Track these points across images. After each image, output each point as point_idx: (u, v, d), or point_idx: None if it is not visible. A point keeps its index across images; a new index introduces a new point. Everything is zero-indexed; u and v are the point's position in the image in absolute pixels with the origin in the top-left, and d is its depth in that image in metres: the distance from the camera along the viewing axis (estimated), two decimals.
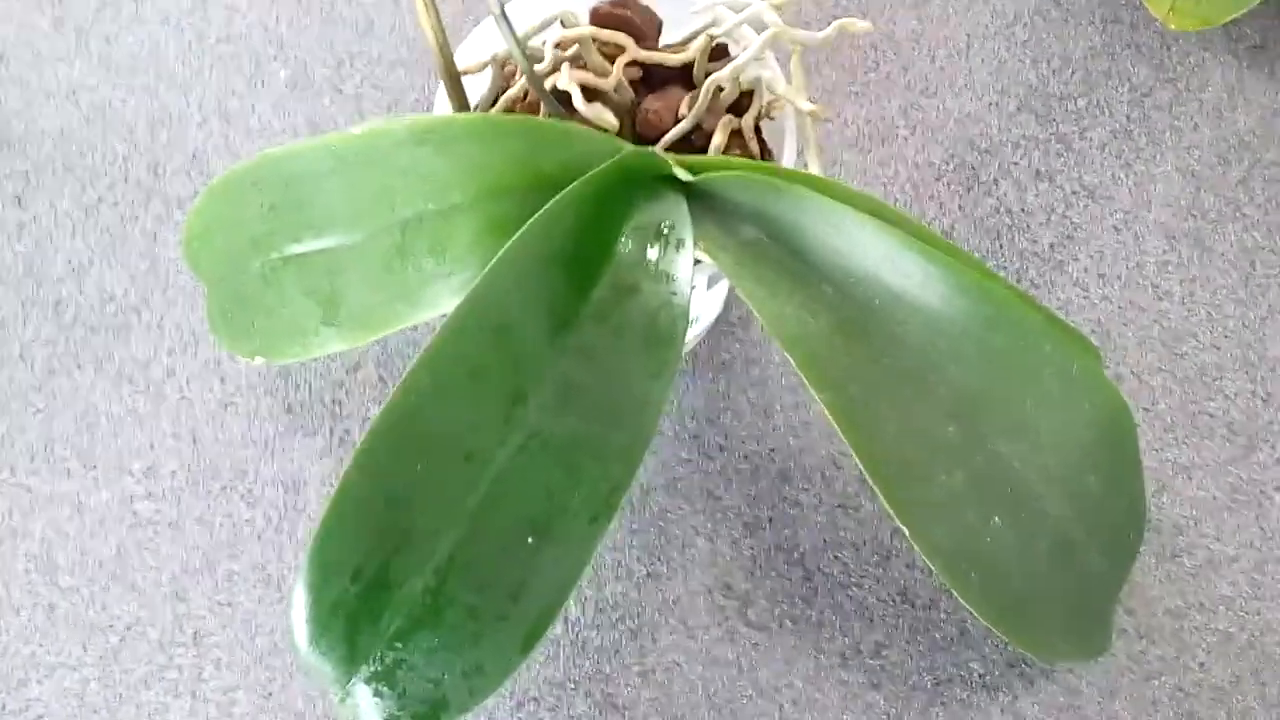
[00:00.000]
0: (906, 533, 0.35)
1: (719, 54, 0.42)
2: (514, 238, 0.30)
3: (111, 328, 0.49)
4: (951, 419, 0.36)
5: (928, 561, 0.36)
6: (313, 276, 0.37)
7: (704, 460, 0.47)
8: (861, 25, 0.39)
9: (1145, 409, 0.48)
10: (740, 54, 0.40)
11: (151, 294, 0.50)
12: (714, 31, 0.41)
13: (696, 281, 0.42)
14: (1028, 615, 0.38)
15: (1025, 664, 0.44)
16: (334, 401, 0.48)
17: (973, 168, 0.52)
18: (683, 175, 0.37)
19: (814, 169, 0.40)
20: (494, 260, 0.30)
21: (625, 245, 0.34)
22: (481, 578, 0.29)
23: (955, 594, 0.36)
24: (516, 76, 0.40)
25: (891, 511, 0.34)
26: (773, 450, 0.47)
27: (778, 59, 0.41)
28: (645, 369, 0.31)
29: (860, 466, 0.34)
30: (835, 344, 0.35)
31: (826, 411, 0.34)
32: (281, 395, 0.48)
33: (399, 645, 0.29)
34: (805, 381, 0.33)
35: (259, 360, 0.40)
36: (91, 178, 0.52)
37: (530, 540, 0.30)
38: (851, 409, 0.34)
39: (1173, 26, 0.39)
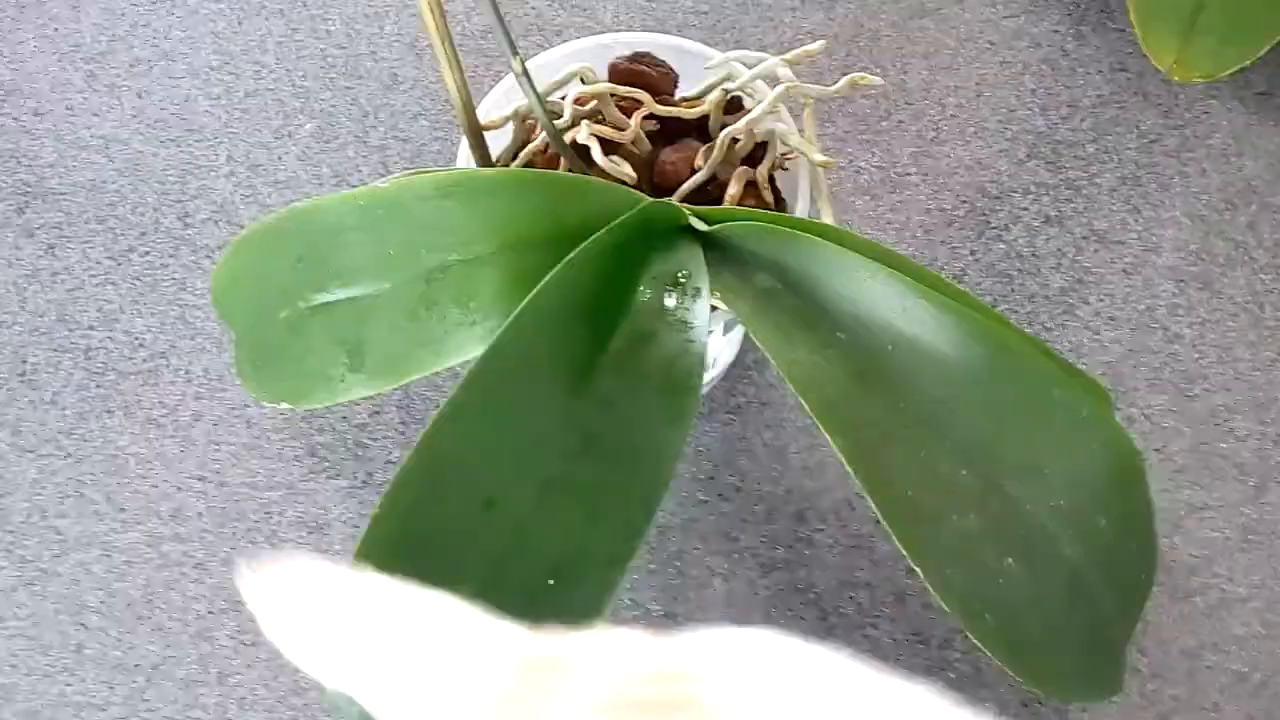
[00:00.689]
0: (920, 574, 0.35)
1: (733, 107, 0.43)
2: (536, 289, 0.31)
3: (140, 373, 0.50)
4: (964, 463, 0.36)
5: (941, 602, 0.36)
6: (339, 325, 0.38)
7: (720, 501, 0.48)
8: (872, 79, 0.40)
9: (1157, 450, 0.48)
10: (754, 107, 0.41)
11: (180, 340, 0.51)
12: (728, 86, 0.42)
13: (713, 327, 0.43)
14: (1041, 655, 0.38)
15: (1039, 703, 0.44)
16: (357, 445, 0.49)
17: (984, 213, 0.53)
18: (699, 225, 0.38)
19: (827, 218, 0.41)
20: (517, 310, 0.31)
21: (643, 294, 0.35)
22: (504, 619, 0.30)
23: (969, 634, 0.37)
24: (537, 131, 0.41)
25: (905, 553, 0.35)
26: (788, 491, 0.48)
27: (791, 111, 0.43)
28: (662, 416, 0.32)
29: (874, 509, 0.35)
30: (849, 390, 0.36)
31: (840, 456, 0.34)
32: (306, 439, 0.49)
33: None
34: (820, 426, 0.34)
35: (284, 406, 0.41)
36: (123, 227, 0.53)
37: (551, 582, 0.30)
38: (865, 453, 0.35)
39: (1177, 79, 0.40)
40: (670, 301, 0.34)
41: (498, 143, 0.43)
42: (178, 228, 0.53)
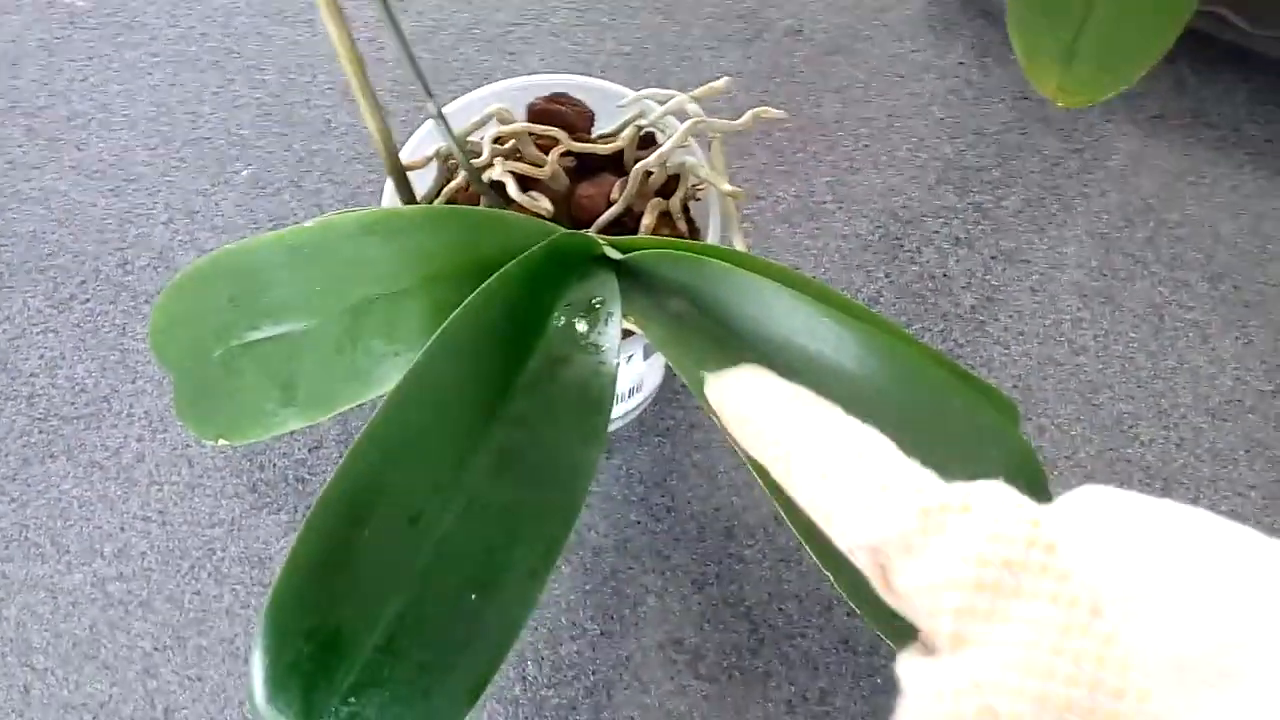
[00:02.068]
0: (833, 582, 0.37)
1: (647, 142, 0.45)
2: (450, 318, 0.33)
3: (83, 417, 0.51)
4: None
5: (856, 609, 0.38)
6: (271, 361, 0.39)
7: (652, 522, 0.49)
8: (774, 113, 0.42)
9: (1067, 457, 0.51)
10: (665, 142, 0.43)
11: (121, 384, 0.52)
12: (641, 122, 0.44)
13: (634, 352, 0.45)
14: None
15: None
16: (297, 479, 0.50)
17: (897, 237, 0.55)
18: (613, 254, 0.39)
19: (738, 245, 0.43)
20: (433, 338, 0.33)
21: (558, 320, 0.36)
22: (429, 634, 0.32)
23: (887, 640, 0.38)
24: (459, 169, 0.43)
25: (819, 563, 0.37)
26: (717, 509, 0.50)
27: (702, 145, 0.45)
28: (577, 434, 0.34)
29: (786, 520, 0.37)
30: None
31: (753, 470, 0.36)
32: (247, 475, 0.50)
33: (353, 700, 0.31)
34: (729, 441, 0.36)
35: (222, 442, 0.42)
36: (63, 276, 0.54)
37: (474, 597, 0.32)
38: None
39: (1060, 104, 0.43)
40: (583, 326, 0.36)
41: (424, 182, 0.45)
42: (117, 275, 0.54)
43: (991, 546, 0.22)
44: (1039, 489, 0.42)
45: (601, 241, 0.40)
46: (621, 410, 0.50)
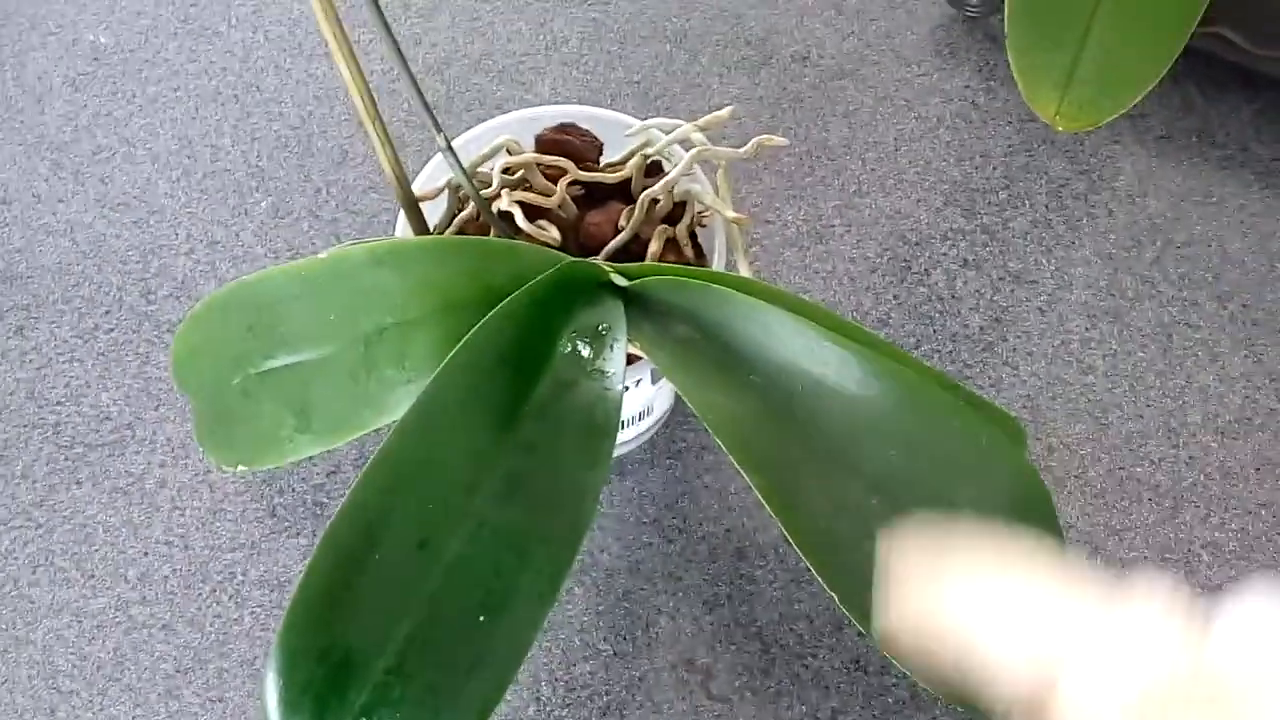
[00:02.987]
0: (837, 600, 0.37)
1: (653, 171, 0.46)
2: (459, 344, 0.34)
3: (107, 445, 0.52)
4: (874, 491, 0.39)
5: (861, 628, 0.38)
6: (287, 389, 0.40)
7: (664, 543, 0.50)
8: (778, 141, 0.43)
9: (1076, 476, 0.51)
10: (671, 170, 0.44)
11: (144, 412, 0.53)
12: (648, 151, 0.45)
13: (642, 376, 0.45)
14: None
15: None
16: (315, 504, 0.51)
17: (905, 260, 0.56)
18: (620, 281, 0.40)
19: (743, 270, 0.44)
20: (441, 365, 0.34)
21: (565, 347, 0.37)
22: (438, 655, 0.32)
23: (892, 659, 0.39)
24: (470, 200, 0.44)
25: (821, 580, 0.37)
26: (728, 530, 0.50)
27: (708, 172, 0.46)
28: (583, 459, 0.35)
29: (789, 538, 0.37)
30: (763, 428, 0.38)
31: (756, 490, 0.37)
32: (267, 500, 0.51)
33: None
34: (734, 463, 0.37)
35: (241, 468, 0.43)
36: (88, 307, 0.56)
37: (482, 619, 0.33)
38: (780, 487, 0.37)
39: (1060, 129, 0.43)
40: (589, 352, 0.37)
41: (436, 212, 0.46)
42: (140, 305, 0.56)
43: (1168, 682, 0.22)
44: (1043, 510, 0.43)
45: (608, 269, 0.40)
46: (633, 433, 0.50)
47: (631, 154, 0.45)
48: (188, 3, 0.66)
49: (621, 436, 0.50)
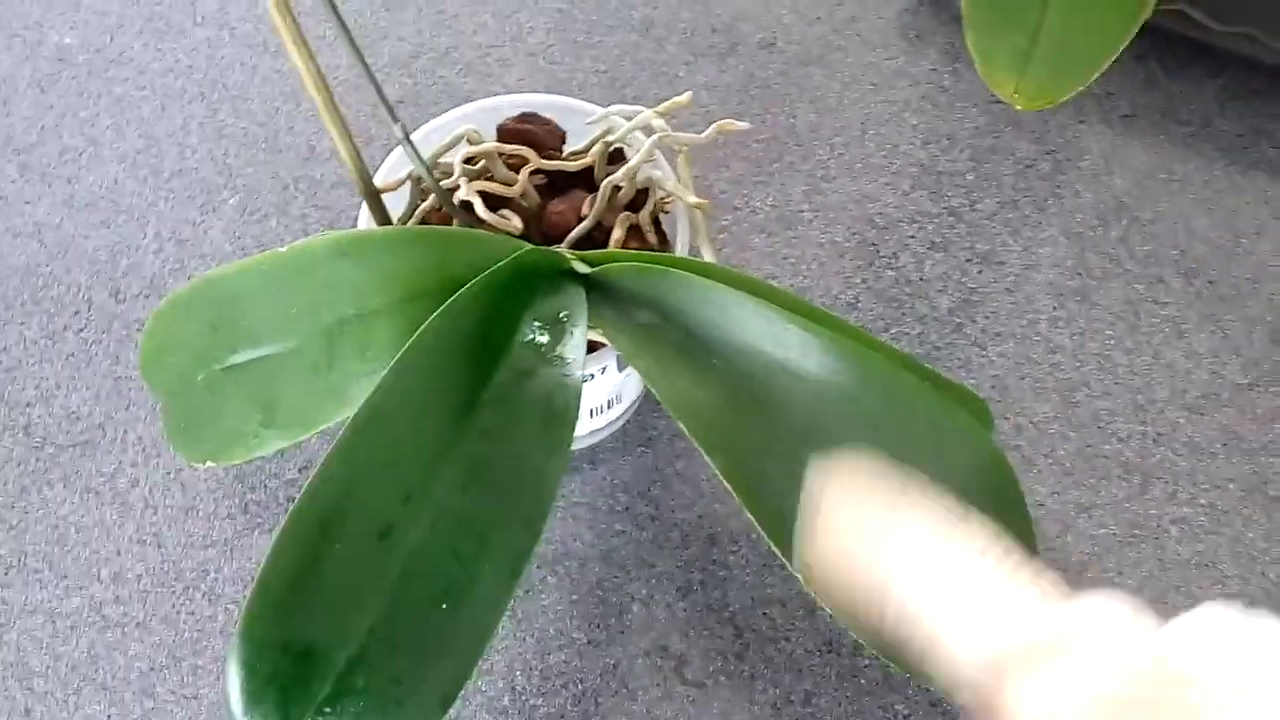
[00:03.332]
0: (804, 583, 0.38)
1: (616, 158, 0.46)
2: (416, 334, 0.34)
3: (78, 445, 0.52)
4: None
5: (828, 609, 0.39)
6: (251, 384, 0.40)
7: (637, 530, 0.50)
8: (739, 125, 0.43)
9: (1045, 455, 0.51)
10: (633, 157, 0.44)
11: (115, 411, 0.53)
12: (609, 139, 0.45)
13: (608, 363, 0.45)
14: None
15: (945, 704, 0.46)
16: (288, 499, 0.51)
17: (873, 243, 0.56)
18: (581, 268, 0.40)
19: (707, 256, 0.44)
20: (399, 354, 0.34)
21: (524, 334, 0.37)
22: (401, 644, 0.32)
23: (858, 638, 0.39)
24: (431, 191, 0.44)
25: (786, 562, 0.37)
26: (700, 517, 0.50)
27: (671, 159, 0.46)
28: (543, 445, 0.35)
29: (754, 521, 0.37)
30: (725, 411, 0.38)
31: (719, 472, 0.37)
32: (239, 497, 0.51)
33: (329, 710, 0.32)
34: (697, 445, 0.37)
35: (210, 464, 0.43)
36: (57, 308, 0.56)
37: (444, 606, 0.33)
38: (743, 469, 0.37)
39: (1019, 107, 0.44)
40: (548, 339, 0.37)
41: (400, 204, 0.46)
42: (110, 305, 0.56)
43: (1123, 683, 0.22)
44: (1009, 491, 0.43)
45: (569, 256, 0.41)
46: (603, 421, 0.50)
47: (593, 142, 0.45)
48: (153, 1, 0.66)
49: (592, 425, 0.50)
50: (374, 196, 0.42)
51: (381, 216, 0.43)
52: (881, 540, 0.27)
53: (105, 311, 0.56)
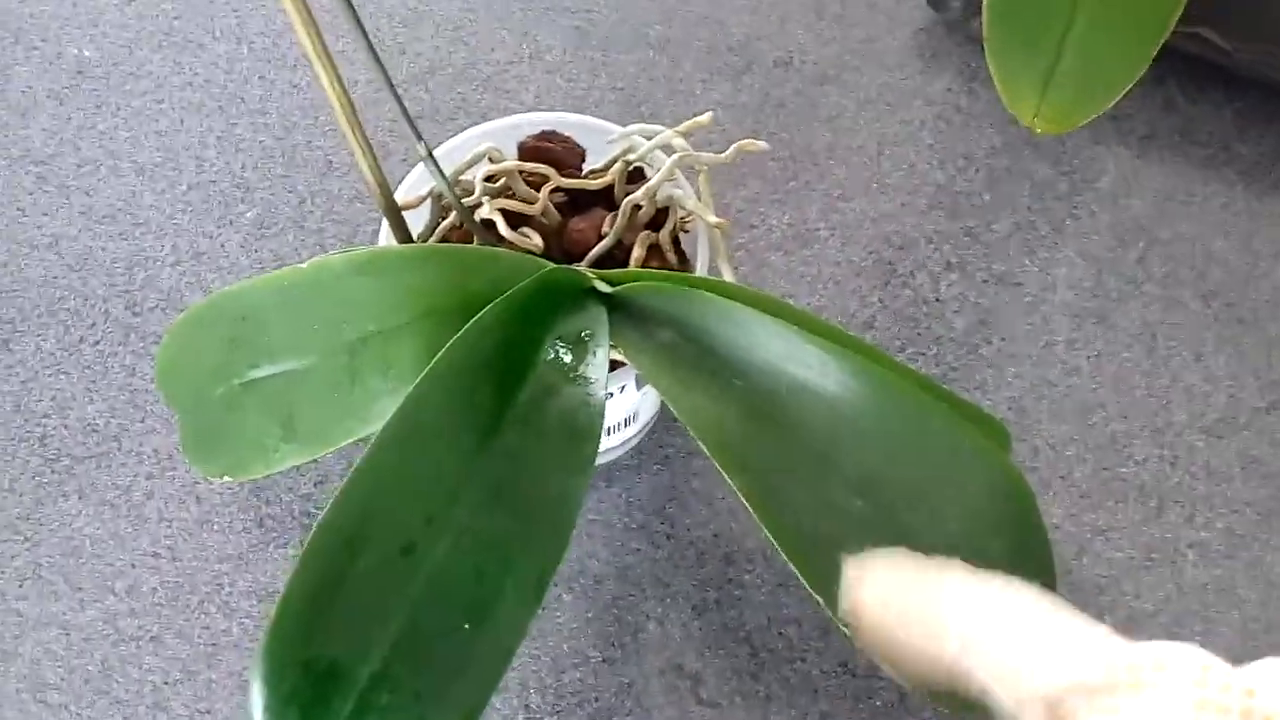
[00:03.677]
0: (822, 603, 0.38)
1: (636, 177, 0.46)
2: (440, 352, 0.34)
3: (94, 457, 0.52)
4: (858, 494, 0.39)
5: (846, 631, 0.38)
6: (270, 399, 0.40)
7: (652, 549, 0.50)
8: (758, 145, 0.43)
9: (1062, 478, 0.51)
10: (653, 176, 0.44)
11: (131, 424, 0.53)
12: (630, 158, 0.45)
13: (626, 382, 0.45)
14: None
15: None
16: (304, 514, 0.51)
17: (889, 263, 0.56)
18: (602, 287, 0.40)
19: (726, 275, 0.44)
20: (423, 373, 0.34)
21: (548, 353, 0.37)
22: (424, 663, 0.32)
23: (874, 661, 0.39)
24: (452, 209, 0.44)
25: (804, 581, 0.37)
26: (716, 535, 0.50)
27: (691, 179, 0.46)
28: (566, 465, 0.35)
29: (772, 541, 0.37)
30: (746, 431, 0.38)
31: (738, 492, 0.37)
32: (254, 511, 0.51)
33: None
34: (717, 465, 0.37)
35: (226, 479, 0.43)
36: (74, 320, 0.56)
37: (467, 626, 0.33)
38: (762, 489, 0.37)
39: (1039, 131, 0.44)
40: (571, 358, 0.37)
41: (420, 221, 0.46)
42: (126, 317, 0.56)
43: (1201, 715, 0.22)
44: (1027, 512, 0.43)
45: (591, 275, 0.41)
46: (619, 439, 0.50)
47: (614, 160, 0.45)
48: (171, 15, 0.66)
49: (608, 443, 0.50)
50: (395, 213, 0.42)
51: (402, 234, 0.43)
52: (936, 585, 0.27)
53: (121, 324, 0.56)
